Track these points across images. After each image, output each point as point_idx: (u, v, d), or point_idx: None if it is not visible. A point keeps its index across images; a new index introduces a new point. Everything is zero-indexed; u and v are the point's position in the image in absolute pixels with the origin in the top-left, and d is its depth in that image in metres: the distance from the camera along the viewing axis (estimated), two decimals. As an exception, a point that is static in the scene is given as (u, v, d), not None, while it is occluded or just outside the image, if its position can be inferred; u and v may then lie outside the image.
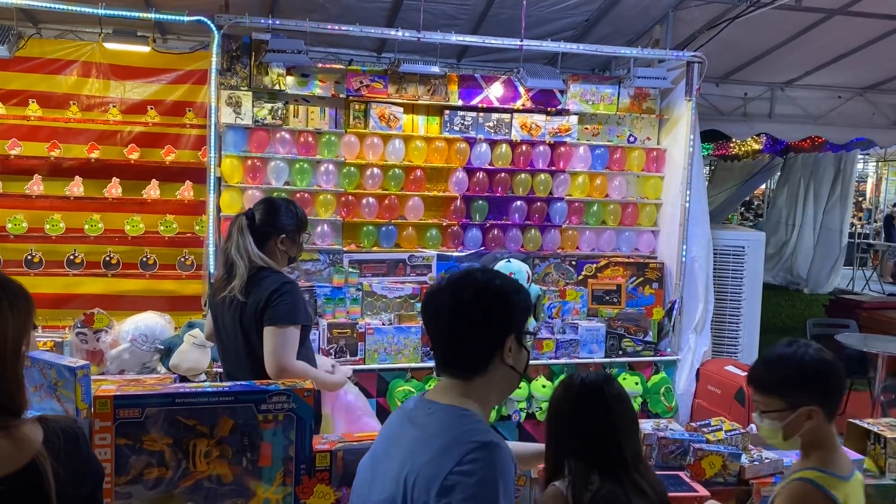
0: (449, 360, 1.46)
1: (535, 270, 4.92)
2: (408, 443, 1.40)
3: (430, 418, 1.40)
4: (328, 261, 4.63)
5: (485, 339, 1.43)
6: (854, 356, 5.84)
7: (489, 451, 1.30)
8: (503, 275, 1.51)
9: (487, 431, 1.35)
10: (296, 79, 4.55)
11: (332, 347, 4.27)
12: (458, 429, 1.35)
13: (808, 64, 6.02)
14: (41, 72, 4.66)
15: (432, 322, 1.47)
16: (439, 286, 1.47)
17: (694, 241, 4.96)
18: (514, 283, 1.49)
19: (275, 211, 2.61)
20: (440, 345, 1.47)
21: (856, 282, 12.68)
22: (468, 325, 1.42)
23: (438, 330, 1.46)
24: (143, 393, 1.79)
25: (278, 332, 2.42)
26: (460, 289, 1.43)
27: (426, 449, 1.34)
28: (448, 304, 1.43)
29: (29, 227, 4.45)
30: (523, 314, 1.47)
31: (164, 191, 4.68)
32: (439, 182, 4.91)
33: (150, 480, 1.76)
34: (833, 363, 1.76)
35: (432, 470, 1.29)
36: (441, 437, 1.34)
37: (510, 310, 1.44)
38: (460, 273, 1.49)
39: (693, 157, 4.90)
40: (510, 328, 1.44)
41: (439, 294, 1.46)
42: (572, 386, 1.88)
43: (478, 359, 1.42)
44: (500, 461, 1.30)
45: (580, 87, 4.96)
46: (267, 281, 2.49)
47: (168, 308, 4.36)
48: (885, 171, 17.70)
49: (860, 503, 1.82)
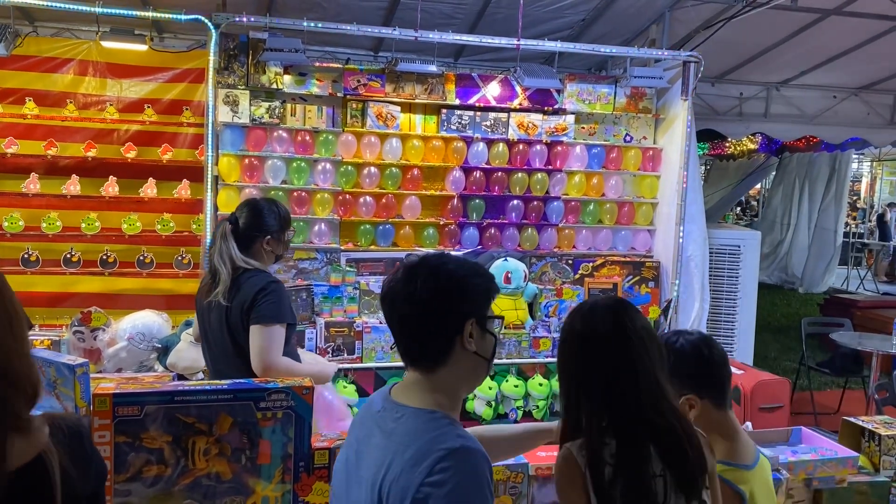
0: (410, 352, 1.41)
1: (532, 269, 4.93)
2: (378, 451, 1.35)
3: (398, 424, 1.35)
4: (325, 259, 4.63)
5: (441, 325, 1.37)
6: (849, 355, 5.87)
7: (459, 457, 1.26)
8: (463, 260, 1.45)
9: (456, 435, 1.30)
10: (293, 77, 4.55)
11: (329, 346, 4.27)
12: (426, 435, 1.30)
13: (803, 64, 6.05)
14: (38, 70, 4.66)
15: (389, 313, 1.42)
16: (394, 276, 1.42)
17: (690, 240, 4.98)
18: (472, 267, 1.43)
19: (258, 213, 2.64)
20: (400, 336, 1.42)
21: (850, 281, 12.74)
22: (422, 310, 1.36)
23: (396, 321, 1.41)
24: (142, 391, 1.79)
25: (264, 331, 2.45)
26: (413, 276, 1.38)
27: (397, 459, 1.29)
28: (402, 292, 1.38)
29: (25, 225, 4.45)
30: (483, 297, 1.41)
31: (161, 189, 4.68)
32: (436, 181, 4.92)
33: (150, 478, 1.76)
34: (707, 354, 1.76)
35: (404, 482, 1.26)
36: (411, 447, 1.29)
37: (466, 293, 1.38)
38: (415, 260, 1.43)
39: (689, 156, 4.92)
40: (469, 312, 1.38)
41: (394, 283, 1.41)
42: (579, 312, 1.59)
43: (437, 347, 1.38)
44: (470, 466, 1.27)
45: (577, 86, 4.97)
46: (252, 281, 2.52)
47: (165, 307, 4.36)
48: (879, 171, 17.78)
49: (767, 491, 1.82)
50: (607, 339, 1.52)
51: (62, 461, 1.19)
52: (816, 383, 6.03)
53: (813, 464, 2.38)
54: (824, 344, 7.04)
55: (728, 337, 5.66)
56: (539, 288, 4.83)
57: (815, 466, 2.38)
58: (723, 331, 5.66)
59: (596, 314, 1.56)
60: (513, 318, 4.65)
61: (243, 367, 2.47)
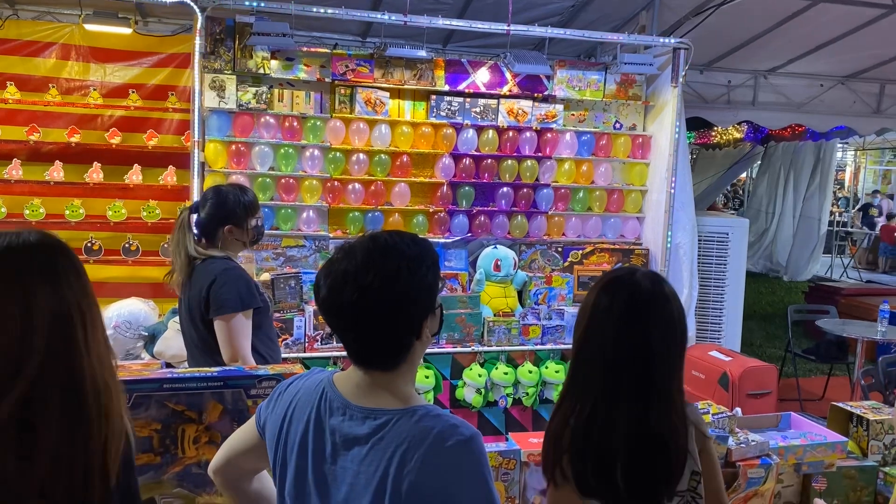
0: (369, 357, 1.34)
1: (522, 257, 4.93)
2: (367, 462, 1.28)
3: (387, 430, 1.28)
4: (314, 247, 4.59)
5: (405, 331, 1.32)
6: (834, 342, 5.94)
7: (473, 445, 1.27)
8: (405, 245, 1.32)
9: (454, 425, 1.28)
10: (280, 62, 4.49)
11: (318, 334, 4.25)
12: (431, 432, 1.26)
13: (791, 52, 6.06)
14: (19, 54, 4.57)
15: (336, 321, 1.32)
16: (343, 277, 1.28)
17: (679, 227, 4.99)
18: (420, 259, 1.32)
19: (220, 201, 2.62)
20: (355, 344, 1.33)
21: (834, 269, 12.87)
22: (382, 322, 1.29)
23: (348, 328, 1.31)
24: (131, 378, 1.76)
25: (223, 324, 2.45)
26: (366, 286, 1.26)
27: (408, 456, 1.25)
28: (357, 304, 1.27)
29: (8, 212, 4.38)
30: (436, 289, 1.35)
31: (146, 176, 4.61)
32: (426, 168, 4.89)
33: (138, 466, 1.74)
34: None
35: (419, 477, 1.24)
36: (421, 445, 1.25)
37: (424, 297, 1.32)
38: (359, 258, 1.30)
39: (678, 143, 4.92)
40: (426, 312, 1.34)
41: (342, 289, 1.28)
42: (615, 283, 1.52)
43: (401, 349, 1.33)
44: (482, 451, 1.29)
45: (567, 73, 4.95)
46: (205, 271, 2.52)
47: (151, 295, 4.32)
48: (863, 161, 17.93)
49: None
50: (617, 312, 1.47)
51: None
52: (802, 370, 6.09)
53: (802, 448, 2.40)
54: (809, 331, 7.12)
55: (716, 324, 5.70)
56: (529, 275, 4.82)
57: (805, 451, 2.40)
58: (711, 318, 5.70)
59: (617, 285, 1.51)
60: (502, 305, 4.64)
61: (209, 359, 2.48)
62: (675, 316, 1.49)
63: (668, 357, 1.48)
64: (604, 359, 1.48)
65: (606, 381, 1.47)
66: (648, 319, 1.46)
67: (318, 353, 4.20)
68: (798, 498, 2.45)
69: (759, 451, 2.27)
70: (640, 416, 1.45)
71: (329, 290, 1.31)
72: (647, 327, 1.46)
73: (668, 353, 1.47)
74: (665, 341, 1.47)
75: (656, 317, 1.47)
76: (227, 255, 2.63)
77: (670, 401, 1.47)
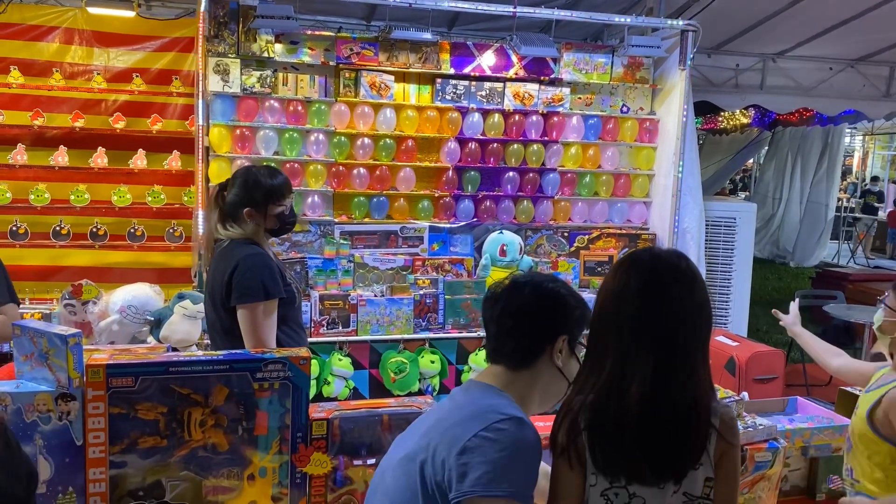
0: (501, 349, 1.49)
1: (528, 242, 4.90)
2: (441, 411, 1.47)
3: (466, 394, 1.47)
4: (319, 232, 4.58)
5: (536, 331, 1.46)
6: (841, 327, 5.91)
7: (517, 424, 1.31)
8: (563, 282, 1.57)
9: (517, 409, 1.38)
10: (284, 46, 4.46)
11: (323, 319, 4.24)
12: (491, 400, 1.39)
13: (800, 35, 5.98)
14: (22, 38, 4.55)
15: (490, 312, 1.51)
16: (502, 283, 1.54)
17: (686, 212, 4.96)
18: (572, 291, 1.54)
19: (242, 182, 2.53)
20: (496, 334, 1.50)
21: (841, 255, 12.81)
22: (522, 314, 1.46)
23: (495, 320, 1.49)
24: (137, 361, 1.76)
25: (246, 314, 2.38)
26: (520, 285, 1.51)
27: (455, 414, 1.39)
28: (507, 297, 1.49)
29: (13, 197, 4.38)
30: (580, 321, 1.50)
31: (151, 161, 4.60)
32: (431, 152, 4.86)
33: (145, 449, 1.74)
34: None
35: (458, 432, 1.33)
36: (473, 406, 1.39)
37: (565, 310, 1.48)
38: (522, 275, 1.57)
39: (686, 127, 4.88)
40: (563, 328, 1.47)
41: (501, 289, 1.52)
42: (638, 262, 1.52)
43: (527, 348, 1.46)
44: (526, 437, 1.31)
45: (573, 55, 4.90)
46: (223, 257, 2.45)
47: (157, 280, 4.30)
48: (871, 146, 17.81)
49: None
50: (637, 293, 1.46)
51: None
52: (809, 356, 6.05)
53: (810, 432, 2.40)
54: (816, 317, 7.08)
55: (723, 309, 5.67)
56: (535, 261, 4.80)
57: (812, 434, 2.40)
58: (718, 303, 5.67)
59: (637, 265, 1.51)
60: (508, 290, 4.62)
61: (231, 346, 2.42)
62: (699, 287, 1.50)
63: (692, 329, 1.47)
64: (624, 331, 1.45)
65: (627, 353, 1.45)
66: (672, 293, 1.46)
67: (324, 339, 4.20)
68: (805, 482, 2.44)
69: (766, 434, 2.26)
70: (661, 387, 1.43)
71: (492, 293, 1.56)
72: (670, 300, 1.45)
73: (692, 323, 1.47)
74: (690, 312, 1.47)
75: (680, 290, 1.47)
76: (253, 239, 2.52)
77: (694, 373, 1.46)
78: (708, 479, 1.50)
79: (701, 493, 1.50)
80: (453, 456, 1.28)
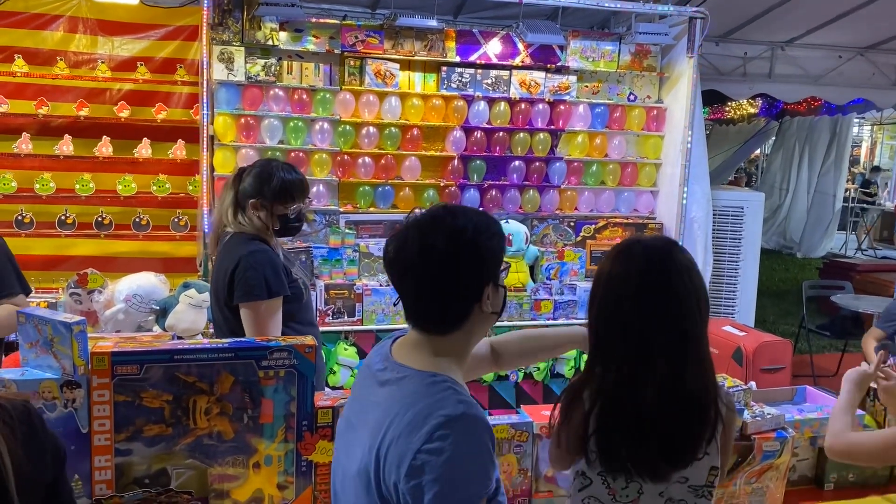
0: (425, 316, 1.35)
1: (534, 231, 4.88)
2: (378, 411, 1.32)
3: (398, 386, 1.32)
4: (324, 221, 4.57)
5: (462, 294, 1.32)
6: (849, 317, 5.88)
7: (458, 424, 1.22)
8: (472, 215, 1.36)
9: (457, 401, 1.26)
10: (289, 34, 4.43)
11: (329, 308, 4.24)
12: (426, 399, 1.26)
13: (809, 22, 5.92)
14: (26, 27, 4.52)
15: (400, 278, 1.35)
16: (405, 237, 1.33)
17: (693, 201, 4.93)
18: (486, 226, 1.35)
19: (257, 172, 2.46)
20: (412, 300, 1.35)
21: (848, 245, 12.73)
22: (441, 280, 1.30)
23: (411, 287, 1.34)
24: (141, 349, 1.75)
25: (248, 313, 2.34)
26: (429, 242, 1.30)
27: (396, 422, 1.26)
28: (417, 260, 1.31)
29: (18, 186, 4.37)
30: (499, 257, 1.37)
31: (155, 150, 4.58)
32: (436, 141, 4.83)
33: (150, 437, 1.74)
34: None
35: (401, 448, 1.23)
36: (410, 411, 1.26)
37: (486, 259, 1.33)
38: (426, 220, 1.34)
39: (694, 115, 4.84)
40: (488, 277, 1.33)
41: (406, 247, 1.32)
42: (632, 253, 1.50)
43: (457, 313, 1.34)
44: (469, 434, 1.23)
45: (580, 43, 4.86)
46: (227, 251, 2.39)
47: (162, 269, 4.29)
48: (879, 136, 17.67)
49: None
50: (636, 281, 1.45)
51: (12, 447, 1.08)
52: (816, 346, 6.05)
53: (819, 422, 2.38)
54: (823, 308, 7.05)
55: (730, 299, 5.65)
56: (540, 250, 4.78)
57: (821, 424, 2.37)
58: (725, 293, 5.65)
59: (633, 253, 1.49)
60: (514, 280, 4.61)
61: (229, 337, 2.39)
62: (696, 274, 1.47)
63: (695, 317, 1.44)
64: (630, 328, 1.45)
65: (637, 349, 1.44)
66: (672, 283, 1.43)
67: (329, 328, 4.20)
68: (813, 472, 2.43)
69: (774, 424, 2.24)
70: (675, 379, 1.42)
71: (396, 247, 1.34)
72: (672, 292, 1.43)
73: (695, 311, 1.44)
74: (691, 301, 1.44)
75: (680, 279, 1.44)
76: (259, 235, 2.46)
77: (703, 360, 1.45)
78: (713, 468, 1.49)
79: (705, 481, 1.49)
80: (402, 479, 1.20)
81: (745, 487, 2.20)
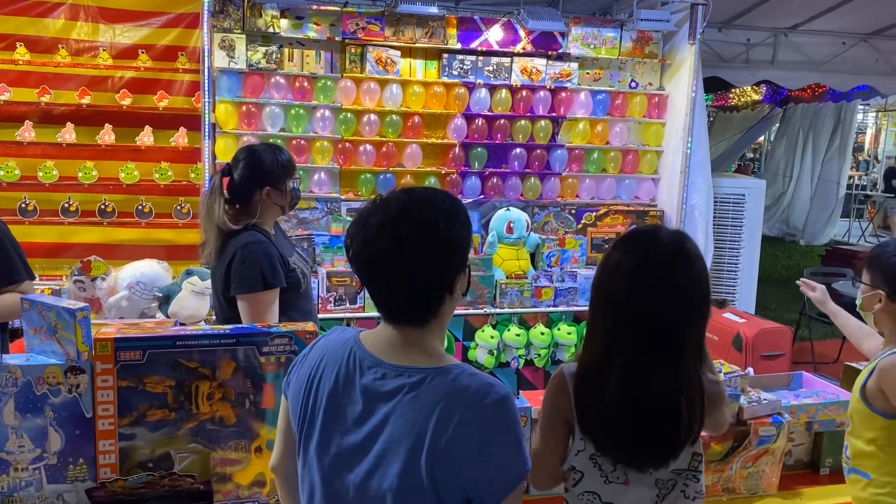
0: (401, 311, 1.32)
1: (535, 219, 4.89)
2: (399, 423, 1.25)
3: (421, 390, 1.26)
4: (326, 209, 4.59)
5: (437, 287, 1.30)
6: (850, 305, 5.87)
7: (508, 404, 1.25)
8: (439, 203, 1.30)
9: (488, 384, 1.26)
10: (290, 21, 4.43)
11: (331, 296, 4.26)
12: (468, 391, 1.25)
13: (813, 8, 5.88)
14: (28, 14, 4.52)
15: (369, 273, 1.30)
16: (376, 232, 1.27)
17: (694, 188, 4.93)
18: (455, 214, 1.30)
19: (254, 161, 2.43)
20: (385, 296, 1.32)
21: (851, 233, 12.71)
22: (417, 279, 1.27)
23: (380, 283, 1.30)
24: (144, 335, 1.78)
25: (245, 305, 2.34)
26: (402, 239, 1.25)
27: (443, 419, 1.22)
28: (389, 259, 1.26)
29: (21, 174, 4.39)
30: (469, 243, 1.34)
31: (157, 138, 4.60)
32: (438, 129, 4.84)
33: (153, 422, 1.77)
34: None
35: (467, 435, 1.22)
36: (457, 406, 1.23)
37: (459, 250, 1.31)
38: (395, 213, 1.27)
39: (695, 102, 4.83)
40: (460, 268, 1.32)
41: (376, 243, 1.27)
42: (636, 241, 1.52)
43: (433, 307, 1.32)
44: (514, 408, 1.27)
45: (581, 30, 4.85)
46: (232, 243, 2.38)
47: (165, 256, 4.32)
48: (884, 122, 17.57)
49: None
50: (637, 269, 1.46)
51: None
52: (817, 333, 6.05)
53: (815, 407, 2.40)
54: (826, 294, 7.04)
55: (731, 286, 5.66)
56: (541, 238, 4.80)
57: (817, 410, 2.40)
58: (725, 280, 5.66)
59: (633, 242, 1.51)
60: (515, 268, 4.63)
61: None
62: (693, 274, 1.46)
63: (679, 315, 1.45)
64: (610, 310, 1.48)
65: (612, 333, 1.47)
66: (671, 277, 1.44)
67: (332, 315, 4.22)
68: (809, 456, 2.45)
69: (770, 409, 2.27)
70: (643, 375, 1.44)
71: (363, 243, 1.28)
72: (668, 285, 1.44)
73: (679, 310, 1.45)
74: (676, 299, 1.44)
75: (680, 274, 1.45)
76: (260, 225, 2.46)
77: (679, 359, 1.46)
78: (695, 454, 1.52)
79: (688, 465, 1.52)
80: (485, 470, 1.23)
81: (740, 471, 2.23)
